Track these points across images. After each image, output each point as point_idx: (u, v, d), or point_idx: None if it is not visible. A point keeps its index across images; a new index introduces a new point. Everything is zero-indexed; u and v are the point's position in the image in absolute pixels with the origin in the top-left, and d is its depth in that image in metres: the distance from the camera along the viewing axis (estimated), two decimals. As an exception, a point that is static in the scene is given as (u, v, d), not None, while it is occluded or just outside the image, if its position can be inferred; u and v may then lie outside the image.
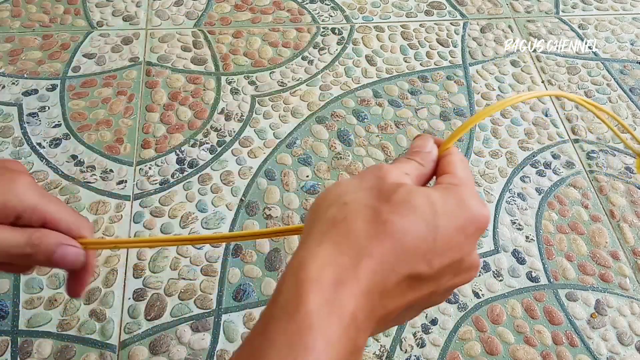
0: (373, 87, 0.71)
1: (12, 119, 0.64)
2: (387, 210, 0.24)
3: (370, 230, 0.23)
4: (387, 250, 0.23)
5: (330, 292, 0.22)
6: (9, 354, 0.48)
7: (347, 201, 0.24)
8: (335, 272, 0.22)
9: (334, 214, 0.24)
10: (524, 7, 0.84)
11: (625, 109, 0.71)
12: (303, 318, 0.21)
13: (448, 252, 0.24)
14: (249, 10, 0.79)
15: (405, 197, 0.24)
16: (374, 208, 0.24)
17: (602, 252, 0.58)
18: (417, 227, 0.24)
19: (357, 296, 0.22)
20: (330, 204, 0.25)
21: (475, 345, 0.51)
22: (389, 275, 0.23)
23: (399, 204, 0.24)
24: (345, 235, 0.23)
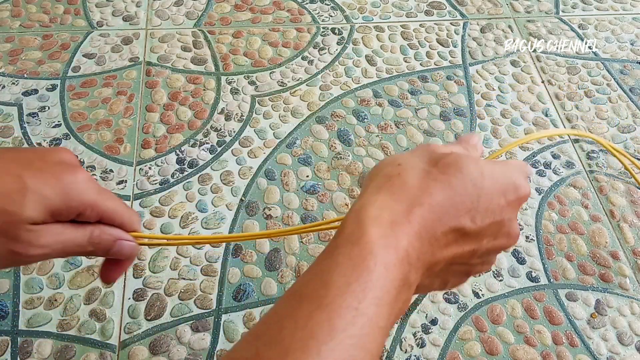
0: (373, 87, 0.71)
1: (12, 119, 0.64)
2: (436, 171, 0.27)
3: (421, 185, 0.26)
4: (435, 202, 0.26)
5: (387, 229, 0.25)
6: (9, 354, 0.48)
7: (401, 162, 0.28)
8: (391, 214, 0.25)
9: (389, 172, 0.27)
10: (524, 7, 0.84)
11: (625, 109, 0.71)
12: (364, 246, 0.24)
13: (490, 212, 0.27)
14: (249, 10, 0.79)
15: (454, 160, 0.27)
16: (425, 169, 0.27)
17: (602, 252, 0.58)
18: (464, 185, 0.27)
19: (410, 235, 0.25)
20: (386, 165, 0.28)
21: (475, 345, 0.51)
22: (436, 224, 0.26)
23: (448, 165, 0.27)
24: (400, 187, 0.26)
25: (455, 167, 0.27)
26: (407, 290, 0.25)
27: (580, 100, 0.72)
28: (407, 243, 0.25)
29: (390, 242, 0.24)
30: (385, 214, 0.25)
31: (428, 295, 0.54)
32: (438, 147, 0.30)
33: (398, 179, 0.27)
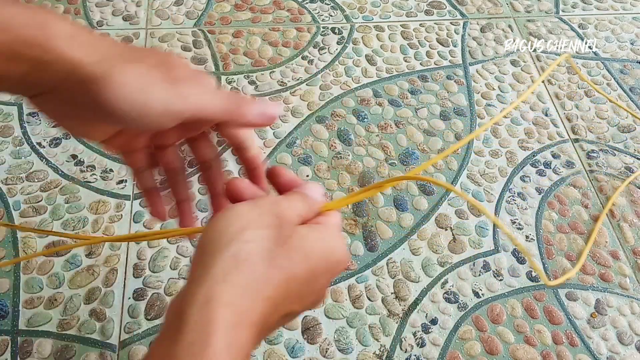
0: (373, 87, 0.71)
1: (12, 118, 0.64)
2: (282, 256, 0.26)
3: (267, 274, 0.25)
4: (277, 295, 0.26)
5: (232, 335, 0.23)
6: (9, 353, 0.48)
7: (249, 239, 0.26)
8: (237, 313, 0.24)
9: (237, 251, 0.25)
10: (524, 6, 0.84)
11: (625, 109, 0.71)
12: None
13: (317, 291, 0.29)
14: (249, 9, 0.79)
15: (298, 244, 0.27)
16: (272, 251, 0.26)
17: (602, 251, 0.58)
18: (303, 273, 0.27)
19: (252, 337, 0.24)
20: (233, 237, 0.26)
21: (475, 344, 0.51)
22: (273, 315, 0.26)
23: (293, 250, 0.27)
24: (247, 276, 0.25)
25: (299, 254, 0.27)
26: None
27: (580, 100, 0.72)
28: (248, 347, 0.24)
29: (234, 354, 0.23)
30: (231, 315, 0.23)
31: (428, 295, 0.54)
32: (286, 212, 0.28)
33: (246, 265, 0.25)
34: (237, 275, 0.24)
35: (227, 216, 0.27)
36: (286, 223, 0.28)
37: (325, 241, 0.28)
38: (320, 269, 0.28)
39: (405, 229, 0.58)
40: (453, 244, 0.58)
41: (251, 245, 0.26)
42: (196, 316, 0.23)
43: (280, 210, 0.28)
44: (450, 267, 0.56)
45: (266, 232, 0.26)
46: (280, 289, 0.26)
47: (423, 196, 0.61)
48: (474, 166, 0.64)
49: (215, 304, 0.23)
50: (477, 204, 0.30)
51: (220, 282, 0.24)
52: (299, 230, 0.28)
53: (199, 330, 0.23)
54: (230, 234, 0.26)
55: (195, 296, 0.24)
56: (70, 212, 0.57)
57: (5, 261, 0.53)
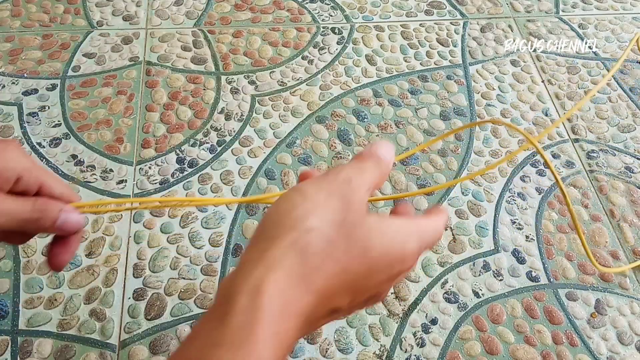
0: (373, 87, 0.71)
1: (12, 118, 0.64)
2: (342, 249, 0.25)
3: (321, 266, 0.24)
4: (327, 288, 0.25)
5: (278, 323, 0.23)
6: (9, 353, 0.48)
7: (310, 227, 0.25)
8: (286, 302, 0.23)
9: (295, 240, 0.24)
10: (524, 6, 0.84)
11: (625, 109, 0.71)
12: (250, 351, 0.22)
13: (370, 289, 0.27)
14: (249, 9, 0.79)
15: (362, 237, 0.26)
16: (332, 243, 0.25)
17: (602, 251, 0.58)
18: (359, 270, 0.25)
19: (298, 328, 0.24)
20: (294, 224, 0.25)
21: (475, 344, 0.51)
22: (322, 308, 0.25)
23: (355, 244, 0.25)
24: (301, 267, 0.24)
25: (360, 249, 0.25)
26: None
27: (580, 100, 0.72)
28: (293, 337, 0.24)
29: (278, 342, 0.23)
30: (279, 303, 0.23)
31: (428, 294, 0.54)
32: (356, 191, 0.27)
33: (302, 254, 0.24)
34: (291, 265, 0.24)
35: (292, 197, 0.26)
36: (355, 207, 0.26)
37: (390, 237, 0.27)
38: (379, 266, 0.26)
39: (405, 229, 0.58)
40: (453, 244, 0.58)
41: (311, 235, 0.25)
42: (245, 301, 0.23)
43: (351, 190, 0.26)
44: (450, 267, 0.56)
45: (330, 219, 0.25)
46: (332, 283, 0.25)
47: (423, 196, 0.61)
48: (474, 166, 0.64)
49: (264, 291, 0.23)
50: (516, 128, 0.29)
51: (272, 270, 0.24)
52: (367, 220, 0.26)
53: (246, 316, 0.23)
54: (292, 218, 0.25)
55: (246, 280, 0.24)
56: (70, 212, 0.57)
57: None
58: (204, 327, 0.24)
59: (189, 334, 0.24)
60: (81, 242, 0.55)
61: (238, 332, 0.22)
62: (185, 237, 0.56)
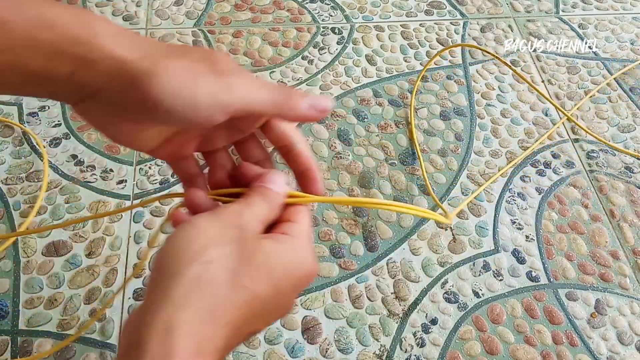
0: (373, 87, 0.71)
1: (12, 118, 0.64)
2: (247, 276, 0.25)
3: (230, 296, 0.24)
4: (240, 318, 0.25)
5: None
6: (9, 353, 0.48)
7: (211, 259, 0.24)
8: (198, 342, 0.23)
9: (198, 274, 0.24)
10: (524, 6, 0.84)
11: (625, 109, 0.71)
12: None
13: (283, 308, 0.28)
14: (249, 9, 0.79)
15: (263, 261, 0.26)
16: (236, 272, 0.25)
17: (602, 251, 0.58)
18: (267, 292, 0.26)
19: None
20: (194, 258, 0.24)
21: (475, 344, 0.51)
22: (236, 337, 0.25)
23: (258, 269, 0.25)
24: (209, 301, 0.24)
25: (263, 273, 0.26)
26: None
27: (580, 100, 0.72)
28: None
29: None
30: (191, 344, 0.23)
31: (428, 295, 0.54)
32: (249, 224, 0.27)
33: (208, 288, 0.24)
34: (199, 300, 0.23)
35: (186, 232, 0.25)
36: (249, 236, 0.26)
37: (290, 256, 0.27)
38: (285, 285, 0.27)
39: (405, 229, 0.58)
40: (453, 244, 0.58)
41: (213, 266, 0.24)
42: (155, 346, 0.22)
43: (243, 221, 0.27)
44: (450, 267, 0.56)
45: (229, 249, 0.25)
46: (244, 311, 0.25)
47: (423, 196, 0.61)
48: (474, 166, 0.64)
49: (175, 333, 0.22)
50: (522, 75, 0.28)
51: (181, 309, 0.23)
52: (263, 245, 0.26)
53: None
54: (190, 252, 0.24)
55: (154, 323, 0.23)
56: (70, 212, 0.57)
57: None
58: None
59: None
60: (83, 243, 0.55)
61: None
62: (185, 237, 0.56)
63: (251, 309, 0.25)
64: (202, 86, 0.25)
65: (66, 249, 0.54)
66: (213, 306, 0.24)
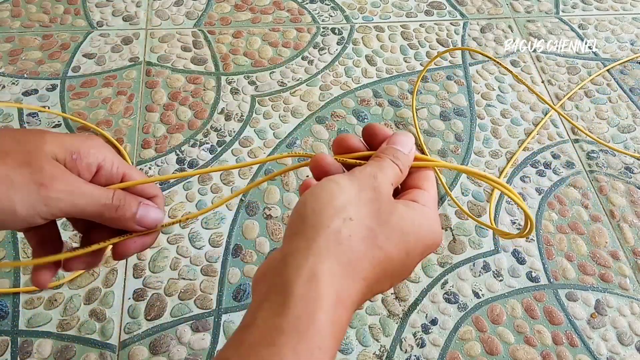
0: (373, 87, 0.71)
1: (12, 119, 0.64)
2: (383, 237, 0.26)
3: (367, 253, 0.26)
4: (374, 275, 0.26)
5: (334, 312, 0.24)
6: (9, 353, 0.48)
7: (351, 216, 0.26)
8: (339, 291, 0.25)
9: (339, 228, 0.26)
10: (524, 7, 0.84)
11: (625, 109, 0.71)
12: (313, 338, 0.23)
13: (408, 272, 0.29)
14: (249, 10, 0.79)
15: (398, 224, 0.27)
16: (373, 230, 0.26)
17: (602, 252, 0.58)
18: (399, 256, 0.27)
19: (349, 315, 0.25)
20: (336, 213, 0.26)
21: (475, 345, 0.51)
22: (367, 294, 0.27)
23: (393, 231, 0.27)
24: (349, 255, 0.25)
25: (398, 235, 0.27)
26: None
27: (580, 100, 0.72)
28: (345, 324, 0.25)
29: (334, 329, 0.24)
30: (333, 292, 0.24)
31: (428, 295, 0.54)
32: (382, 185, 0.28)
33: (348, 243, 0.25)
34: (340, 254, 0.25)
35: (329, 188, 0.27)
36: (384, 199, 0.28)
37: (421, 223, 0.28)
38: (415, 250, 0.28)
39: (405, 229, 0.58)
40: (453, 244, 0.58)
41: (354, 223, 0.26)
42: (302, 290, 0.24)
43: (377, 184, 0.28)
44: (450, 267, 0.56)
45: (367, 209, 0.27)
46: (378, 270, 0.26)
47: (423, 196, 0.61)
48: (474, 166, 0.64)
49: (320, 280, 0.24)
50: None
51: (324, 259, 0.25)
52: (398, 208, 0.28)
53: (305, 306, 0.23)
54: (332, 208, 0.26)
55: (300, 270, 0.24)
56: (70, 212, 0.57)
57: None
58: (261, 314, 0.24)
59: (244, 322, 0.25)
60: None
61: (299, 321, 0.23)
62: (185, 237, 0.56)
63: (384, 269, 0.26)
64: (19, 200, 0.27)
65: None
66: (352, 261, 0.25)
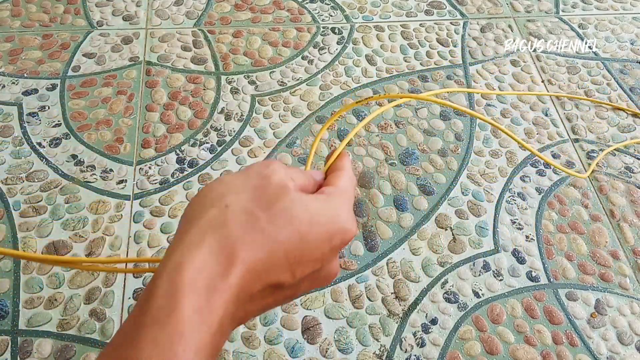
0: (373, 87, 0.71)
1: (12, 118, 0.64)
2: (265, 219, 0.24)
3: (245, 237, 0.24)
4: (257, 259, 0.24)
5: (202, 299, 0.22)
6: (8, 353, 0.48)
7: (228, 203, 0.24)
8: (209, 277, 0.22)
9: (214, 215, 0.24)
10: (524, 6, 0.84)
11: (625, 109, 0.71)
12: (175, 326, 0.21)
13: (312, 262, 0.26)
14: (249, 9, 0.79)
15: (285, 207, 0.25)
16: (253, 214, 0.24)
17: (602, 251, 0.58)
18: (290, 239, 0.24)
19: (227, 303, 0.23)
20: (212, 204, 0.25)
21: (475, 344, 0.51)
22: (255, 283, 0.24)
23: (278, 213, 0.25)
24: (222, 240, 0.23)
25: (284, 217, 0.25)
26: (216, 356, 0.24)
27: (579, 100, 0.72)
28: (222, 313, 0.23)
29: (204, 317, 0.22)
30: (202, 279, 0.22)
31: (428, 295, 0.54)
32: (275, 172, 0.26)
33: (222, 229, 0.24)
34: (211, 239, 0.23)
35: (210, 184, 0.26)
36: (273, 185, 0.25)
37: (318, 206, 0.26)
38: (313, 236, 0.25)
39: (405, 229, 0.58)
40: (453, 244, 0.58)
41: (230, 209, 0.24)
42: (165, 282, 0.22)
43: (269, 171, 0.26)
44: (450, 267, 0.56)
45: (247, 195, 0.25)
46: (262, 255, 0.24)
47: (423, 196, 0.61)
48: (474, 166, 0.64)
49: (185, 268, 0.22)
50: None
51: (194, 247, 0.23)
52: (289, 193, 0.25)
53: (166, 296, 0.22)
54: (210, 200, 0.25)
55: (166, 263, 0.23)
56: (70, 212, 0.57)
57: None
58: (128, 320, 0.23)
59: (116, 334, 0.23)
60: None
61: (160, 312, 0.21)
62: (185, 237, 0.56)
63: (271, 254, 0.24)
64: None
65: (66, 249, 0.54)
66: (225, 245, 0.23)
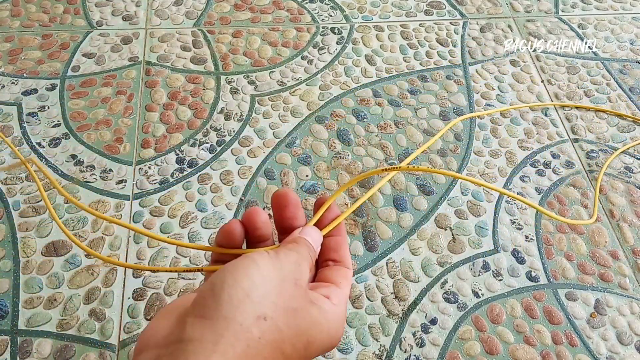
0: (373, 87, 0.71)
1: (11, 118, 0.64)
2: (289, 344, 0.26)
3: (268, 356, 0.25)
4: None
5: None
6: (8, 353, 0.48)
7: (266, 316, 0.25)
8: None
9: (251, 328, 0.25)
10: (524, 6, 0.84)
11: (624, 109, 0.71)
12: None
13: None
14: (249, 9, 0.79)
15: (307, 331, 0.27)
16: (282, 333, 0.26)
17: (602, 251, 0.58)
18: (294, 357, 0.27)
19: None
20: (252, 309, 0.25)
21: (475, 344, 0.51)
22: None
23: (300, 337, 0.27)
24: (251, 355, 0.25)
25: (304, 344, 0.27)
26: None
27: (579, 100, 0.72)
28: None
29: None
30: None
31: (427, 294, 0.54)
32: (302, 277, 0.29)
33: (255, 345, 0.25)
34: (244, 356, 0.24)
35: (250, 274, 0.26)
36: (303, 297, 0.28)
37: (329, 329, 0.28)
38: (314, 349, 0.28)
39: (405, 229, 0.58)
40: (453, 244, 0.58)
41: (267, 324, 0.25)
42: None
43: (300, 275, 0.28)
44: (450, 267, 0.56)
45: (285, 307, 0.26)
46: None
47: (423, 196, 0.61)
48: (474, 166, 0.64)
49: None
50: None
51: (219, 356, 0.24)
52: (312, 313, 0.27)
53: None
54: (250, 301, 0.25)
55: (201, 344, 0.24)
56: (70, 212, 0.57)
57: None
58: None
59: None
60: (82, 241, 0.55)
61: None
62: (185, 237, 0.56)
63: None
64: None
65: (66, 249, 0.54)
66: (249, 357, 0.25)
